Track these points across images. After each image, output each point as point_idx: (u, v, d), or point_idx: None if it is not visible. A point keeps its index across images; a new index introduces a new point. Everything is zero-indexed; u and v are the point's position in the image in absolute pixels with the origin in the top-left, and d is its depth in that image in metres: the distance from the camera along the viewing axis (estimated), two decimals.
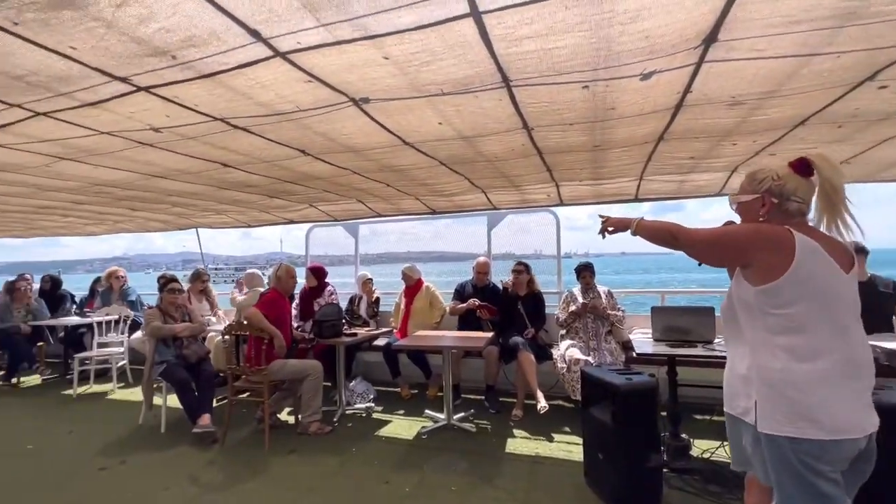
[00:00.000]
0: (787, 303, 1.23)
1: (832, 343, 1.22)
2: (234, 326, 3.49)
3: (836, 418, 1.18)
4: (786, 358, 1.23)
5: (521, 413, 3.75)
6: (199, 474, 2.89)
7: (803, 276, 1.22)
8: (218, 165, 2.91)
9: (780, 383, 1.23)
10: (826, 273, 1.24)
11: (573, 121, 2.19)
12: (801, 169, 1.35)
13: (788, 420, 1.21)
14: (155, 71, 1.59)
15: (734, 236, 1.37)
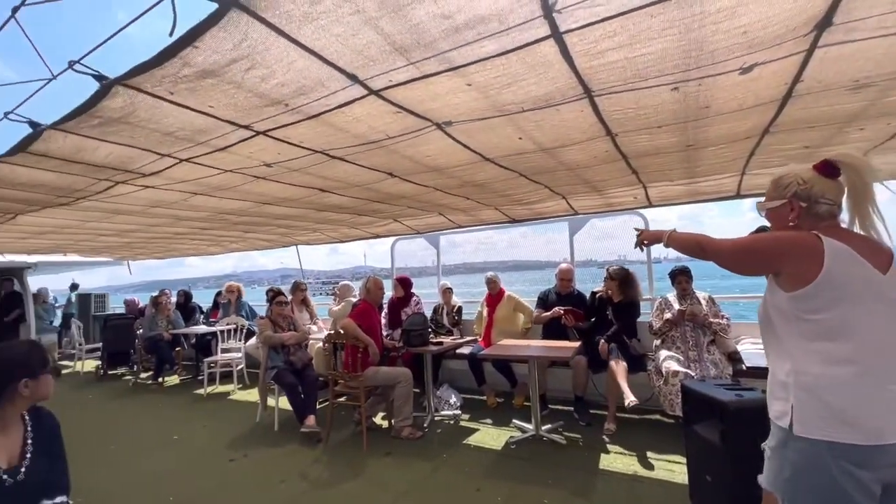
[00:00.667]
0: (820, 308, 1.20)
1: (870, 346, 1.17)
2: (332, 335, 3.81)
3: (875, 422, 1.12)
4: (822, 363, 1.20)
5: (613, 427, 3.58)
6: (308, 471, 3.19)
7: (835, 281, 1.18)
8: (316, 191, 3.23)
9: (818, 388, 1.19)
10: (859, 276, 1.19)
11: (662, 123, 2.09)
12: (826, 171, 1.29)
13: (828, 424, 1.16)
14: (271, 117, 1.85)
15: (759, 246, 1.34)
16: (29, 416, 1.53)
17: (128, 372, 6.92)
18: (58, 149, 2.07)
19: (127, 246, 6.17)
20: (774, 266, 1.29)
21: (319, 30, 1.26)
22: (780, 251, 1.27)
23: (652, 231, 1.67)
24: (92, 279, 8.87)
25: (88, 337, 7.73)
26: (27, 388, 1.44)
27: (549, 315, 4.29)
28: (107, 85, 1.53)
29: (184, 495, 2.91)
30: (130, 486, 3.09)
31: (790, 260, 1.24)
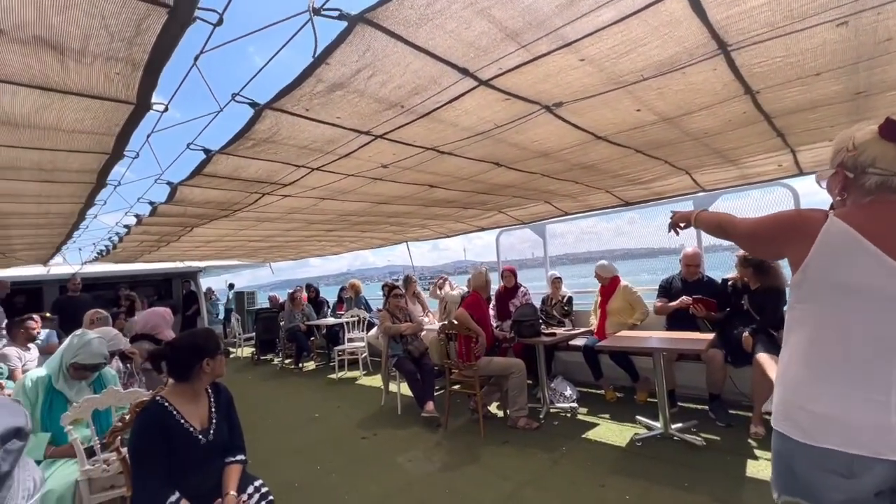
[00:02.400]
0: (804, 298, 1.13)
1: (845, 346, 1.04)
2: (446, 326, 3.96)
3: (819, 423, 1.05)
4: (789, 355, 1.16)
5: (762, 430, 3.13)
6: (431, 453, 3.38)
7: (817, 270, 1.08)
8: (426, 187, 3.39)
9: (781, 379, 1.17)
10: (857, 268, 1.02)
11: (821, 69, 1.75)
12: (887, 132, 1.04)
13: (782, 416, 1.14)
14: (388, 121, 1.98)
15: (759, 230, 1.25)
16: (211, 390, 1.88)
17: (274, 357, 8.06)
18: (222, 169, 2.49)
19: (269, 249, 7.17)
20: (775, 251, 1.23)
21: (434, 29, 1.32)
22: (774, 234, 1.19)
23: (683, 212, 1.57)
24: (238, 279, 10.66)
25: (244, 328, 9.22)
26: (208, 366, 1.77)
27: (676, 305, 3.90)
28: (258, 110, 1.80)
29: (328, 465, 3.30)
30: (286, 454, 3.61)
31: (785, 244, 1.16)
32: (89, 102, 1.59)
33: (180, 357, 1.77)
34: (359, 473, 3.15)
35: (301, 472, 3.23)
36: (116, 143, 2.03)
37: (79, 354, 2.28)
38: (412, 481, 2.95)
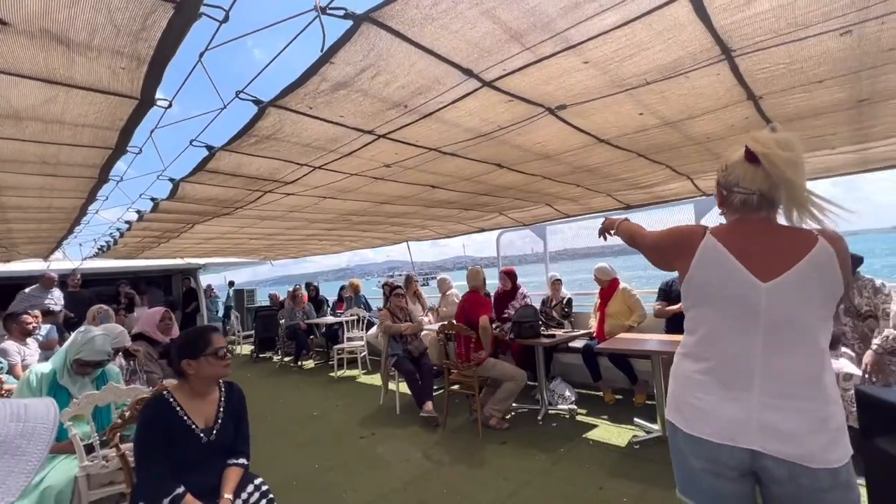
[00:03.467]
0: (690, 306, 1.25)
1: (717, 348, 1.17)
2: (445, 326, 3.97)
3: (696, 415, 1.17)
4: (681, 355, 1.27)
5: None
6: (429, 452, 3.39)
7: (697, 282, 1.19)
8: (427, 188, 3.39)
9: (674, 374, 1.27)
10: (725, 281, 1.14)
11: (824, 76, 1.76)
12: (749, 156, 1.14)
13: (672, 408, 1.24)
14: (391, 120, 1.99)
15: (649, 243, 1.39)
16: (224, 388, 1.88)
17: (273, 355, 8.07)
18: (224, 166, 2.49)
19: (270, 247, 7.17)
20: (665, 262, 1.34)
21: (439, 29, 1.32)
22: (667, 249, 1.31)
23: (612, 218, 1.65)
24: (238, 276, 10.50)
25: (244, 325, 9.22)
26: (190, 367, 1.73)
27: (675, 308, 3.92)
28: (262, 108, 1.80)
29: (327, 463, 3.30)
30: (286, 451, 3.61)
31: (675, 258, 1.26)
32: (94, 96, 1.60)
33: (172, 355, 1.78)
34: (357, 472, 3.15)
35: (300, 470, 3.24)
36: (120, 139, 2.04)
37: (82, 351, 2.28)
38: (410, 480, 2.95)
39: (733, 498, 1.16)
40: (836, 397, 1.10)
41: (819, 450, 1.05)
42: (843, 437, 1.07)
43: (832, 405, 1.08)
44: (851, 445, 1.10)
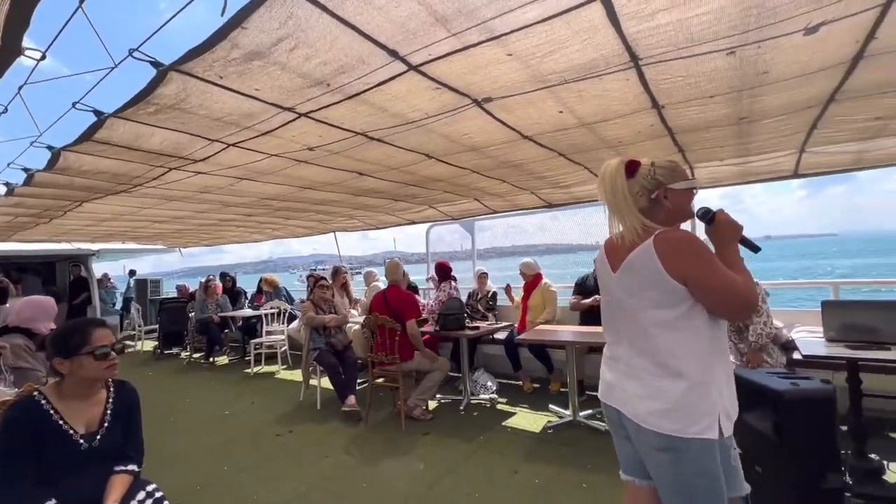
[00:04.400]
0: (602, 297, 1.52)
1: (606, 326, 1.48)
2: (370, 319, 3.90)
3: (601, 382, 1.49)
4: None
5: None
6: (351, 447, 3.31)
7: (598, 275, 1.53)
8: (355, 174, 3.29)
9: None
10: (602, 275, 1.47)
11: (714, 92, 1.97)
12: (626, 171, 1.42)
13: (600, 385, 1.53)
14: (313, 98, 1.89)
15: None
16: (113, 388, 1.66)
17: (181, 352, 7.38)
18: (118, 136, 2.20)
19: (179, 233, 6.53)
20: None
21: (362, 3, 1.27)
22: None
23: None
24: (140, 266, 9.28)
25: (146, 319, 8.32)
26: (63, 367, 1.51)
27: (589, 303, 4.20)
28: (162, 71, 1.61)
29: (237, 465, 3.09)
30: (191, 455, 3.32)
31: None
32: None
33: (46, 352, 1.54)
34: (272, 471, 2.98)
35: (207, 473, 2.99)
36: None
37: None
38: (329, 477, 2.86)
39: (627, 456, 1.46)
40: (677, 375, 1.23)
41: (650, 415, 1.25)
42: (679, 412, 1.21)
43: (668, 381, 1.23)
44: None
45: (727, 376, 1.28)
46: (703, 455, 1.22)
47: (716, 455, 1.23)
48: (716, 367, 1.24)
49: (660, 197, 1.36)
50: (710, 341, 1.25)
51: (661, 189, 1.36)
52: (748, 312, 1.26)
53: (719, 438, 1.21)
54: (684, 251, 1.24)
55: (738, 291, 1.21)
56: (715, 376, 1.23)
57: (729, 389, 1.28)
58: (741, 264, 1.31)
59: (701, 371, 1.22)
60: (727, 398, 1.25)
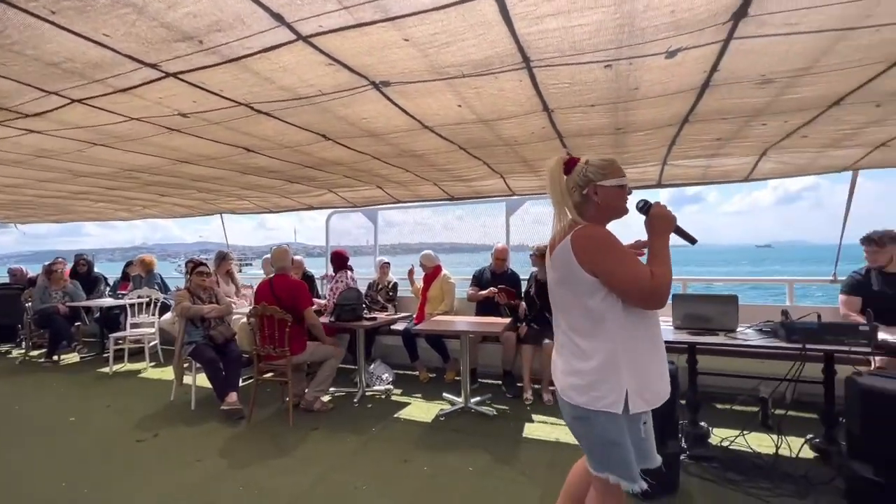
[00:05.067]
0: None
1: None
2: (258, 309, 3.59)
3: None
4: None
5: (550, 398, 3.77)
6: (228, 449, 3.03)
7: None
8: (241, 150, 2.98)
9: None
10: (546, 265, 1.57)
11: (595, 102, 2.15)
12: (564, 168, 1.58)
13: None
14: (183, 56, 1.64)
15: None
16: None
17: (14, 349, 6.10)
18: None
19: (12, 205, 5.34)
20: None
21: None
22: None
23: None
24: None
25: None
26: None
27: (485, 294, 4.38)
28: None
29: (81, 480, 2.63)
30: (17, 471, 2.74)
31: None
32: None
33: None
34: (128, 482, 2.60)
35: (37, 493, 2.50)
36: None
37: None
38: (199, 483, 2.58)
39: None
40: (590, 356, 1.38)
41: (567, 388, 1.42)
42: (588, 387, 1.37)
43: (583, 360, 1.39)
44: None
45: (646, 360, 1.40)
46: (608, 426, 1.36)
47: (621, 427, 1.37)
48: (629, 350, 1.36)
49: (590, 193, 1.47)
50: (623, 328, 1.37)
51: (591, 185, 1.46)
52: (654, 302, 1.35)
53: (625, 413, 1.34)
54: (592, 248, 1.37)
55: (642, 284, 1.32)
56: (625, 359, 1.36)
57: (643, 371, 1.38)
58: (665, 256, 1.41)
59: (611, 353, 1.36)
60: (639, 379, 1.36)
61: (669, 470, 2.38)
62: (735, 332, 2.86)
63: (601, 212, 1.48)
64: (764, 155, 3.32)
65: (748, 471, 2.51)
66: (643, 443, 1.44)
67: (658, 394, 1.41)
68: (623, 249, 1.40)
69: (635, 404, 1.35)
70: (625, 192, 1.51)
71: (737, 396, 3.42)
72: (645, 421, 1.43)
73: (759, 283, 7.26)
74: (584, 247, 1.38)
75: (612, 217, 1.53)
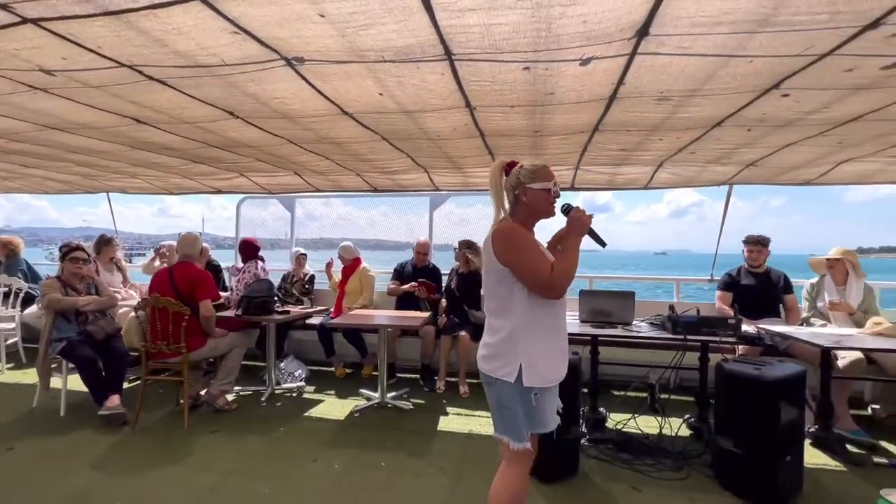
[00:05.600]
0: None
1: None
2: (149, 301, 3.20)
3: None
4: None
5: (466, 390, 3.84)
6: (105, 459, 2.66)
7: None
8: (130, 121, 2.61)
9: None
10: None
11: (514, 103, 2.21)
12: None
13: None
14: (44, 0, 1.37)
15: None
16: None
17: None
18: None
19: None
20: None
21: None
22: None
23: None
24: None
25: None
26: None
27: (405, 288, 4.35)
28: None
29: None
30: None
31: None
32: None
33: None
34: None
35: None
36: None
37: None
38: (64, 499, 2.23)
39: None
40: (497, 332, 1.60)
41: (480, 358, 1.65)
42: (491, 358, 1.60)
43: (491, 336, 1.63)
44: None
45: (543, 342, 1.58)
46: (503, 391, 1.58)
47: (513, 395, 1.57)
48: (529, 332, 1.56)
49: (520, 194, 1.63)
50: (526, 312, 1.56)
51: (521, 187, 1.63)
52: (551, 293, 1.55)
53: (517, 384, 1.54)
54: (505, 241, 1.57)
55: (542, 277, 1.51)
56: (524, 339, 1.55)
57: (538, 352, 1.56)
58: (571, 254, 1.60)
59: (512, 332, 1.56)
60: (533, 357, 1.55)
61: (571, 454, 2.56)
62: (631, 326, 3.14)
63: (529, 211, 1.65)
64: (660, 166, 3.69)
65: (637, 450, 2.78)
66: (534, 411, 1.60)
67: (552, 373, 1.60)
68: (531, 245, 1.58)
69: (527, 378, 1.54)
70: (551, 195, 1.65)
71: (630, 384, 3.77)
72: (536, 393, 1.58)
73: (652, 281, 8.33)
74: (499, 240, 1.57)
75: (539, 217, 1.68)
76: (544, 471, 2.46)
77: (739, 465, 2.32)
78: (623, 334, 3.04)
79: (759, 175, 3.83)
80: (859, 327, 3.19)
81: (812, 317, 3.58)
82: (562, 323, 1.65)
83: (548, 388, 1.60)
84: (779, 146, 2.96)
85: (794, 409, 2.34)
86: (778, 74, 1.82)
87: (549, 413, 1.63)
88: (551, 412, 1.64)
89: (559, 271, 1.52)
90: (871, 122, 2.36)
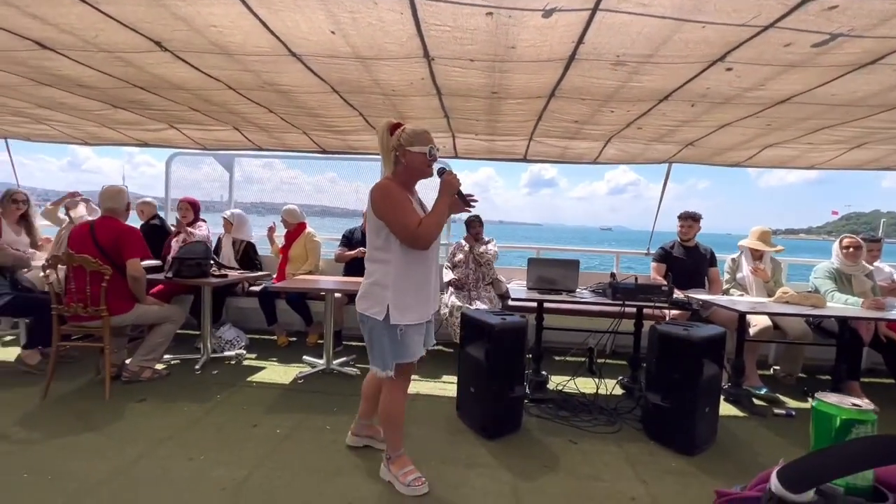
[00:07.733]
0: None
1: None
2: (59, 258, 2.84)
3: None
4: None
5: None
6: (10, 429, 2.38)
7: None
8: (31, 44, 2.23)
9: None
10: None
11: (474, 56, 2.14)
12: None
13: None
14: None
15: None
16: None
17: None
18: None
19: None
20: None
21: None
22: None
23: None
24: None
25: None
26: None
27: (353, 254, 4.23)
28: None
29: None
30: None
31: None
32: None
33: None
34: None
35: None
36: None
37: None
38: None
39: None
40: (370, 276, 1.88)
41: (357, 300, 1.92)
42: (363, 299, 1.89)
43: (366, 280, 1.90)
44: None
45: (410, 287, 1.84)
46: (374, 328, 1.86)
47: (381, 330, 1.84)
48: (398, 278, 1.82)
49: (399, 156, 1.85)
50: (398, 260, 1.82)
51: (401, 149, 1.84)
52: (417, 244, 1.80)
53: (385, 321, 1.81)
54: (378, 197, 1.80)
55: (408, 230, 1.76)
56: (393, 283, 1.82)
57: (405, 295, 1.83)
58: (440, 212, 1.85)
59: (383, 276, 1.84)
60: (400, 300, 1.82)
61: (514, 413, 2.65)
62: (575, 293, 3.27)
63: (408, 172, 1.88)
64: (608, 142, 3.80)
65: (575, 408, 2.94)
66: (399, 345, 1.84)
67: (416, 314, 1.86)
68: (401, 201, 1.80)
69: (394, 317, 1.81)
70: (427, 158, 1.85)
71: (570, 349, 3.96)
72: (401, 329, 1.83)
73: (596, 253, 9.13)
74: (376, 197, 1.81)
75: (417, 177, 1.92)
76: (490, 427, 2.53)
77: (665, 417, 2.53)
78: (567, 300, 3.15)
79: (695, 155, 4.07)
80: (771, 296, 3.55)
81: (732, 288, 3.93)
82: (431, 271, 1.92)
83: (413, 325, 1.85)
84: (716, 126, 3.14)
85: (715, 366, 2.57)
86: (726, 45, 1.89)
87: (413, 346, 1.88)
88: (417, 345, 1.90)
89: (425, 225, 1.78)
90: (797, 104, 2.56)
